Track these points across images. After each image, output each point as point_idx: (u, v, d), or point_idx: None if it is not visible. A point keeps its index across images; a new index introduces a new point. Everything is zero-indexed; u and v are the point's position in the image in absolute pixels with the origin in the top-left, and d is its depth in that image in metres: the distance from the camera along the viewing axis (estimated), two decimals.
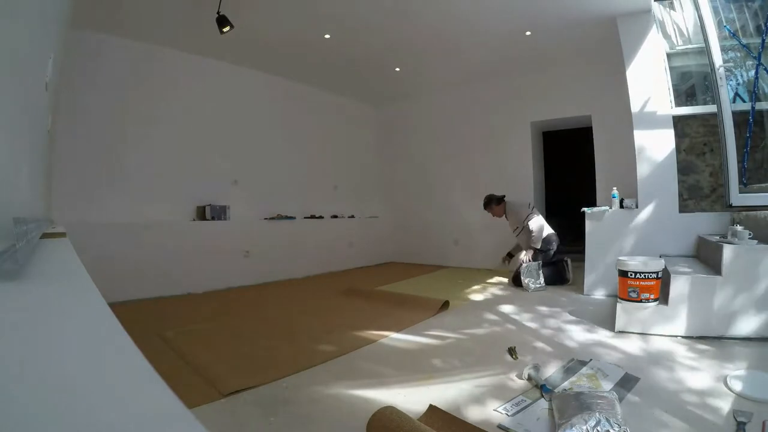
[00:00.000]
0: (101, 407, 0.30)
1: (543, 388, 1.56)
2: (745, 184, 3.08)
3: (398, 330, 2.49)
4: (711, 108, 3.26)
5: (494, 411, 1.44)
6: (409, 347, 2.21)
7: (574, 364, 1.88)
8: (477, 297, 3.50)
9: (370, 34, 3.85)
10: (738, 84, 3.24)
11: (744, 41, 3.13)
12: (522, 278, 3.71)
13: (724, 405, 1.46)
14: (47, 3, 1.36)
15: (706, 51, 3.19)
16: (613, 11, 3.35)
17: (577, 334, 2.39)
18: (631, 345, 2.17)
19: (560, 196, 6.14)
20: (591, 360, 1.91)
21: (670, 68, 3.42)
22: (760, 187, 3.03)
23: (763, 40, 2.99)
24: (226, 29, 3.09)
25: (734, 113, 3.10)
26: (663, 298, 2.38)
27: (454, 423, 1.33)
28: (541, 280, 3.72)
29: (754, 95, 3.05)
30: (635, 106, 3.37)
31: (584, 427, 1.20)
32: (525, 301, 3.32)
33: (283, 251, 4.61)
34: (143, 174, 3.78)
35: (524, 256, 3.86)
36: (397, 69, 4.74)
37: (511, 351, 2.03)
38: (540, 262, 3.79)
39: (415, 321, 2.70)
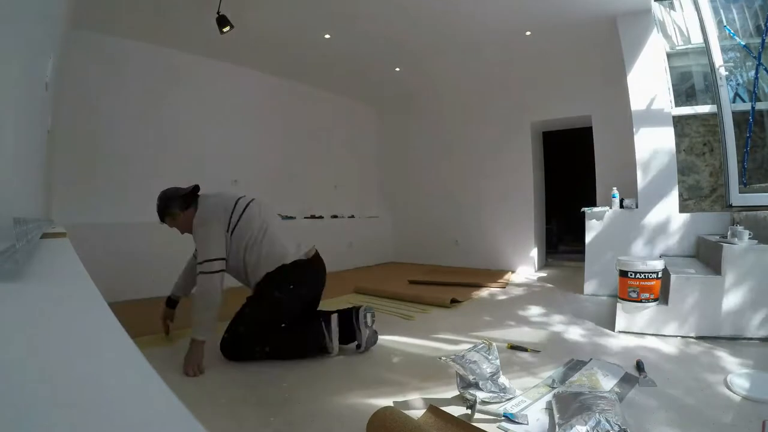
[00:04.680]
0: (101, 407, 0.30)
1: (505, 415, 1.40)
2: (745, 184, 3.08)
3: (400, 331, 2.49)
4: (711, 108, 3.26)
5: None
6: (409, 348, 2.21)
7: (574, 364, 1.88)
8: (476, 297, 3.50)
9: (370, 34, 3.85)
10: (738, 84, 3.25)
11: (744, 41, 3.14)
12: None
13: (725, 405, 1.46)
14: (47, 3, 1.36)
15: (706, 51, 3.19)
16: (613, 11, 3.34)
17: (578, 334, 2.40)
18: (631, 345, 2.17)
19: (560, 196, 6.14)
20: (591, 360, 1.91)
21: (670, 68, 3.42)
22: (760, 187, 3.04)
23: (763, 40, 2.99)
24: (226, 29, 3.09)
25: (734, 113, 3.11)
26: (663, 298, 2.38)
27: (453, 423, 1.33)
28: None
29: (754, 95, 3.05)
30: (635, 106, 3.37)
31: (584, 428, 1.20)
32: (524, 301, 3.32)
33: None
34: (143, 174, 3.78)
35: None
36: (398, 69, 4.74)
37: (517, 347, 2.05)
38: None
39: (418, 321, 2.70)
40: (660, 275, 2.34)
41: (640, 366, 1.80)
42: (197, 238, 2.01)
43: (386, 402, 1.47)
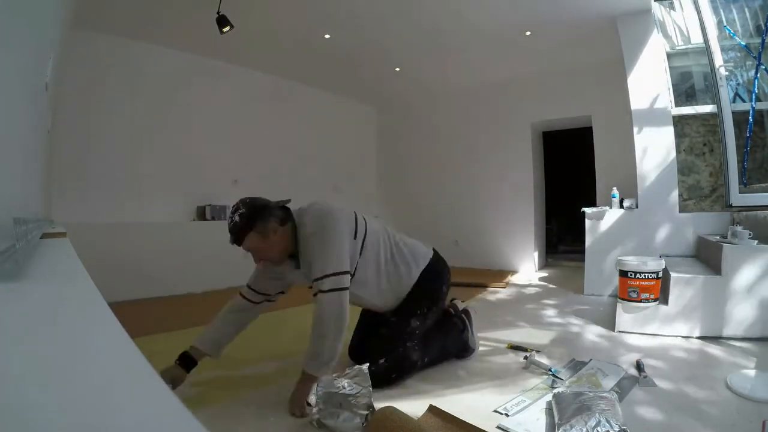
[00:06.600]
0: (101, 407, 0.30)
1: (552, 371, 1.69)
2: (745, 184, 3.08)
3: None
4: (711, 108, 3.26)
5: (494, 411, 1.44)
6: None
7: (574, 364, 1.88)
8: (476, 297, 3.50)
9: (370, 35, 3.85)
10: (738, 84, 3.24)
11: (744, 41, 3.14)
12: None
13: (725, 405, 1.45)
14: (47, 3, 1.36)
15: (706, 51, 3.19)
16: (613, 11, 3.34)
17: (577, 334, 2.40)
18: (631, 345, 2.17)
19: (560, 196, 6.14)
20: (591, 360, 1.91)
21: (670, 68, 3.42)
22: (760, 187, 3.04)
23: (763, 40, 2.99)
24: (226, 29, 3.08)
25: (734, 113, 3.10)
26: (663, 298, 2.38)
27: (453, 423, 1.33)
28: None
29: (754, 95, 3.05)
30: (635, 106, 3.37)
31: (584, 428, 1.20)
32: (524, 301, 3.32)
33: None
34: (143, 174, 3.78)
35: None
36: (397, 69, 4.74)
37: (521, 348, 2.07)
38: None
39: None
40: (660, 275, 2.34)
41: (640, 366, 1.80)
42: (319, 246, 1.55)
43: (386, 402, 1.47)
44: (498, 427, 1.33)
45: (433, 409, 1.42)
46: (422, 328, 1.78)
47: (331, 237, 1.56)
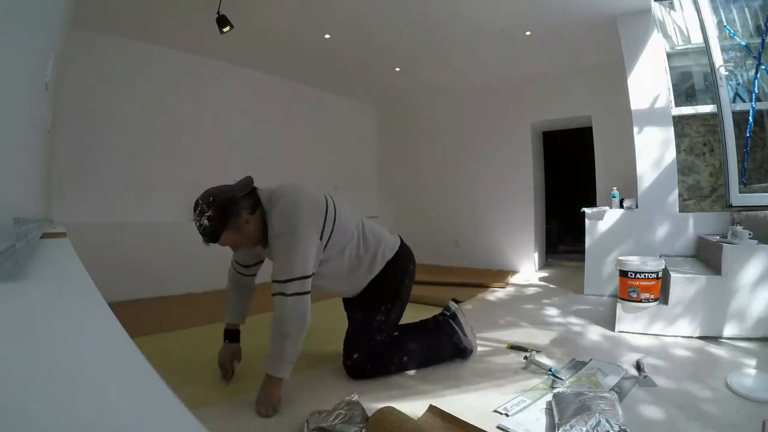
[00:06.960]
0: (101, 407, 0.30)
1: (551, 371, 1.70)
2: (745, 184, 3.08)
3: None
4: (711, 108, 3.26)
5: (494, 411, 1.44)
6: None
7: (574, 364, 1.88)
8: (476, 297, 3.50)
9: (370, 34, 3.85)
10: (738, 84, 3.24)
11: (744, 41, 3.14)
12: None
13: (725, 405, 1.45)
14: (47, 3, 1.36)
15: (706, 51, 3.19)
16: (613, 11, 3.34)
17: (577, 334, 2.40)
18: (632, 345, 2.17)
19: (560, 196, 6.14)
20: (591, 360, 1.91)
21: (670, 68, 3.42)
22: (760, 187, 3.04)
23: (763, 40, 2.99)
24: (226, 29, 3.09)
25: (734, 113, 3.10)
26: (663, 298, 2.38)
27: (453, 423, 1.33)
28: None
29: (754, 95, 3.05)
30: (635, 106, 3.37)
31: (584, 428, 1.20)
32: (525, 301, 3.32)
33: None
34: (143, 174, 3.78)
35: None
36: (397, 69, 4.74)
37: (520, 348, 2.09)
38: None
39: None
40: (660, 275, 2.34)
41: (640, 366, 1.80)
42: (283, 248, 1.52)
43: (386, 403, 1.47)
44: (498, 427, 1.34)
45: (433, 409, 1.42)
46: (388, 322, 1.83)
47: (298, 241, 1.53)
